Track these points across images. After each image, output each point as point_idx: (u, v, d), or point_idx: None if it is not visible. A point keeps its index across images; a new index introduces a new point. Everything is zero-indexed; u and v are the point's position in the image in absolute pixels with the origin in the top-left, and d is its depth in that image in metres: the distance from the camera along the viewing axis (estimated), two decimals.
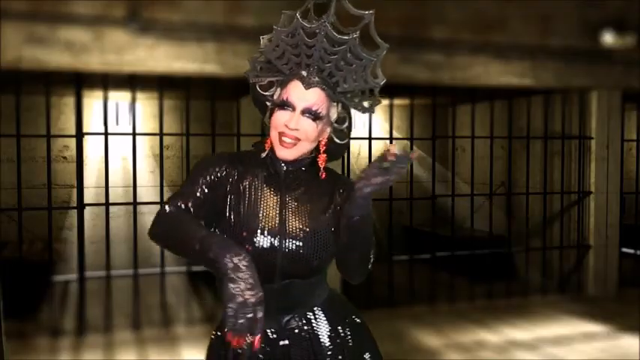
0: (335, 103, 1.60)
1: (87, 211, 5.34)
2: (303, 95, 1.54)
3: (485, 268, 6.22)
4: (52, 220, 5.07)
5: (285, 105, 1.55)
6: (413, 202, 6.00)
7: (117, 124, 7.05)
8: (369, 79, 1.58)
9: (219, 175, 1.58)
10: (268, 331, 1.56)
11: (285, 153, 1.56)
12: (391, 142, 6.03)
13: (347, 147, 1.71)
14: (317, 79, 1.55)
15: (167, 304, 5.49)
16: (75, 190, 5.43)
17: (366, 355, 1.69)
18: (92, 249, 6.03)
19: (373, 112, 1.67)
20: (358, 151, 7.80)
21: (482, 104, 6.93)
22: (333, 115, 1.62)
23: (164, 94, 5.39)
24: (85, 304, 5.06)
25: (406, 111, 7.71)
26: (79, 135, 5.09)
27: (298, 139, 1.55)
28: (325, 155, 1.62)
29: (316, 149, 1.62)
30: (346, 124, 1.66)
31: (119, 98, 6.97)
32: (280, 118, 1.55)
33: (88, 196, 5.79)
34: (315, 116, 1.55)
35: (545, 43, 5.74)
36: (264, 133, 1.64)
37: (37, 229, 6.17)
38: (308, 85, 1.54)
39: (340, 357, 1.60)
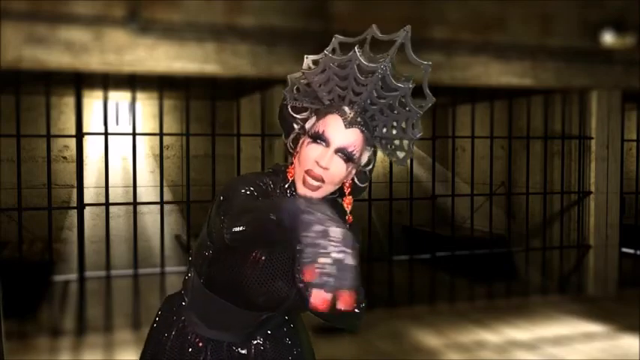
0: (369, 147, 1.50)
1: (87, 211, 5.34)
2: (341, 133, 1.43)
3: (485, 268, 6.22)
4: (52, 220, 5.07)
5: (319, 138, 1.44)
6: (413, 202, 6.00)
7: (117, 124, 7.05)
8: (409, 130, 1.48)
9: (260, 191, 1.45)
10: (234, 346, 1.57)
11: (306, 192, 1.46)
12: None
13: (364, 190, 1.59)
14: (359, 119, 1.44)
15: None
16: (75, 190, 5.43)
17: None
18: (92, 249, 6.04)
19: (404, 165, 1.56)
20: None
21: (482, 104, 6.93)
22: (364, 160, 1.51)
23: (164, 94, 5.39)
24: (85, 304, 5.06)
25: None
26: (79, 135, 5.09)
27: (323, 181, 1.44)
28: (351, 197, 1.53)
29: (339, 189, 1.52)
30: (370, 166, 1.54)
31: (119, 98, 6.97)
32: (311, 152, 1.44)
33: (88, 196, 5.79)
34: (348, 157, 1.44)
35: (545, 43, 5.74)
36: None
37: (37, 229, 6.18)
38: (349, 124, 1.43)
39: None
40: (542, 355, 4.56)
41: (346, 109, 1.45)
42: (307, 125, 1.49)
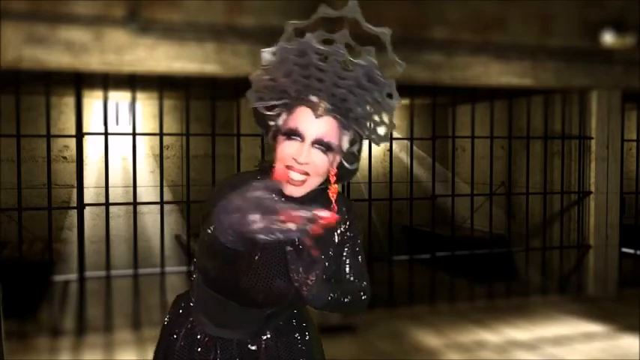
0: (347, 131, 1.46)
1: (87, 211, 5.34)
2: (313, 125, 1.39)
3: (485, 268, 6.22)
4: (52, 220, 5.07)
5: (292, 134, 1.40)
6: (413, 202, 6.00)
7: (117, 124, 7.05)
8: (384, 102, 1.42)
9: None
10: (244, 342, 1.57)
11: (294, 190, 1.42)
12: (391, 142, 6.05)
13: (356, 171, 1.56)
14: (329, 106, 1.40)
15: (167, 304, 5.48)
16: (75, 190, 5.43)
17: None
18: (92, 249, 6.04)
19: (387, 141, 1.51)
20: None
21: (482, 104, 6.93)
22: (345, 144, 1.47)
23: (164, 94, 5.39)
24: (85, 304, 5.06)
25: (406, 111, 7.71)
26: (79, 135, 5.09)
27: (307, 174, 1.41)
28: (336, 186, 1.50)
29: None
30: (357, 146, 1.50)
31: (119, 98, 6.97)
32: (287, 149, 1.41)
33: (88, 196, 5.79)
34: (326, 148, 1.41)
35: (545, 43, 5.74)
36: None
37: (37, 229, 6.18)
38: (321, 113, 1.39)
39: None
40: (542, 355, 4.56)
41: (314, 98, 1.40)
42: (280, 122, 1.45)
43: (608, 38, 5.64)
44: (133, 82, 5.10)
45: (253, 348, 1.56)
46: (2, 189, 6.63)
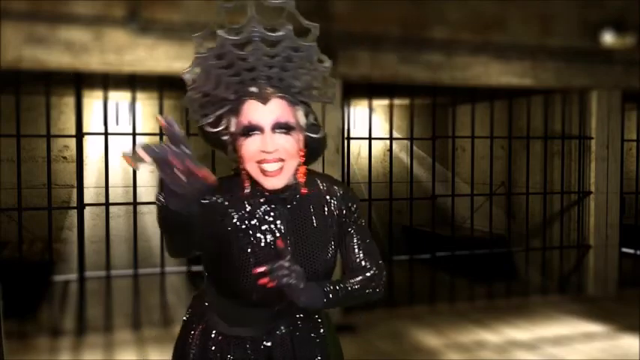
0: (298, 106, 1.45)
1: (87, 211, 5.34)
2: (265, 112, 1.39)
3: (485, 268, 6.22)
4: (52, 220, 5.07)
5: (250, 130, 1.40)
6: (413, 202, 6.00)
7: (117, 124, 7.05)
8: (318, 66, 1.41)
9: (210, 204, 1.47)
10: (259, 338, 1.56)
11: (274, 182, 1.42)
12: (391, 142, 6.05)
13: (325, 140, 1.55)
14: (270, 89, 1.40)
15: (167, 304, 5.49)
16: (75, 190, 5.43)
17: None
18: (92, 249, 6.04)
19: (331, 101, 1.51)
20: (358, 151, 7.81)
21: (482, 104, 6.93)
22: (302, 119, 1.46)
23: (164, 94, 5.39)
24: (85, 304, 5.06)
25: (406, 111, 7.72)
26: (79, 135, 5.09)
27: (282, 160, 1.41)
28: (305, 167, 1.50)
29: None
30: (313, 115, 1.50)
31: (119, 98, 6.97)
32: (251, 145, 1.40)
33: (88, 196, 5.79)
34: (287, 128, 1.41)
35: (545, 43, 5.74)
36: None
37: (37, 229, 6.18)
38: (265, 99, 1.39)
39: (319, 357, 1.59)
40: (542, 355, 4.56)
41: (253, 89, 1.40)
42: (232, 129, 1.44)
43: (608, 38, 5.64)
44: (133, 82, 5.09)
45: (268, 344, 1.55)
46: (2, 189, 6.63)
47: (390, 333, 4.95)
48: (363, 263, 1.57)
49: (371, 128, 5.75)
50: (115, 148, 5.64)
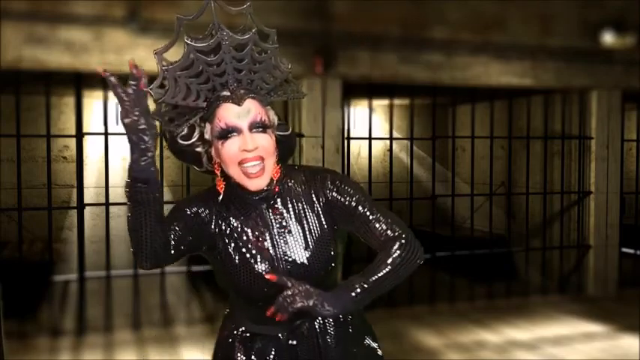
0: (268, 106, 1.49)
1: (87, 211, 5.34)
2: (240, 112, 1.42)
3: (485, 268, 6.22)
4: (52, 220, 5.07)
5: (228, 132, 1.42)
6: (413, 202, 6.00)
7: (117, 124, 7.03)
8: (282, 68, 1.47)
9: (192, 215, 1.50)
10: (281, 335, 1.56)
11: (258, 182, 1.45)
12: (391, 142, 6.05)
13: (295, 136, 1.59)
14: (242, 90, 1.42)
15: (167, 304, 5.49)
16: (75, 190, 5.43)
17: (367, 340, 1.68)
18: (92, 249, 6.03)
19: (303, 97, 1.56)
20: (358, 151, 7.80)
21: (482, 104, 6.93)
22: (274, 118, 1.50)
23: None
24: (85, 304, 5.06)
25: (406, 111, 7.72)
26: (79, 135, 5.09)
27: (262, 158, 1.44)
28: (279, 166, 1.53)
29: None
30: (277, 116, 1.53)
31: None
32: (232, 146, 1.42)
33: (88, 196, 5.79)
34: (263, 126, 1.44)
35: (545, 43, 5.74)
36: None
37: (37, 229, 6.17)
38: (240, 100, 1.41)
39: (347, 351, 1.59)
40: (542, 355, 4.56)
41: (225, 93, 1.42)
42: (207, 135, 1.46)
43: (608, 38, 5.64)
44: None
45: (293, 343, 1.56)
46: (2, 189, 6.63)
47: (390, 333, 4.95)
48: (389, 232, 1.50)
49: (371, 128, 5.75)
50: (115, 148, 5.66)
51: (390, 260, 1.46)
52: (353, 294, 1.43)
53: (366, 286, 1.44)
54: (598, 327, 5.25)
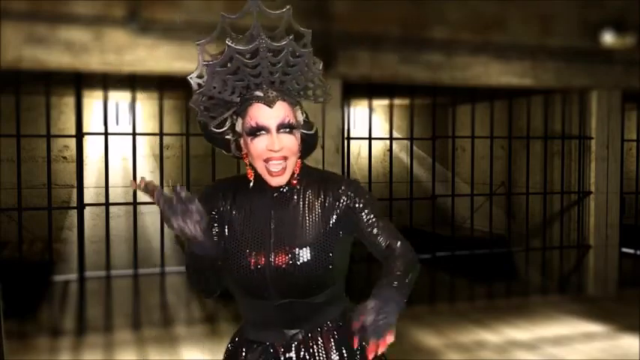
0: (297, 106, 1.56)
1: (87, 211, 5.34)
2: (271, 113, 1.49)
3: (485, 268, 6.22)
4: (52, 220, 5.07)
5: (257, 131, 1.50)
6: (413, 202, 6.00)
7: (117, 124, 7.05)
8: (313, 68, 1.52)
9: (216, 209, 1.60)
10: (277, 344, 1.56)
11: (279, 180, 1.53)
12: (391, 142, 6.05)
13: (317, 135, 1.65)
14: (275, 93, 1.50)
15: (167, 304, 5.49)
16: (75, 190, 5.43)
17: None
18: (92, 249, 6.03)
19: (330, 98, 1.61)
20: (358, 151, 7.80)
21: (482, 104, 6.93)
22: (301, 118, 1.57)
23: (164, 94, 5.39)
24: (85, 304, 5.06)
25: (406, 111, 7.72)
26: (79, 135, 5.09)
27: (285, 158, 1.52)
28: (300, 160, 1.59)
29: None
30: (305, 114, 1.60)
31: (119, 98, 6.97)
32: (259, 145, 1.51)
33: (88, 196, 5.79)
34: (290, 128, 1.51)
35: (545, 43, 5.74)
36: None
37: (37, 229, 6.18)
38: (271, 103, 1.49)
39: None
40: (542, 355, 4.56)
41: (259, 93, 1.50)
42: (238, 128, 1.54)
43: (608, 38, 5.64)
44: (133, 82, 5.09)
45: (290, 355, 1.56)
46: (2, 189, 6.63)
47: None
48: (388, 243, 1.58)
49: (371, 128, 5.75)
50: (115, 148, 5.69)
51: (404, 268, 1.54)
52: (398, 298, 1.46)
53: (402, 281, 1.51)
54: (598, 327, 5.25)
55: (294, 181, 1.58)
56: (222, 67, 1.46)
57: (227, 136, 1.57)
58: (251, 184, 1.59)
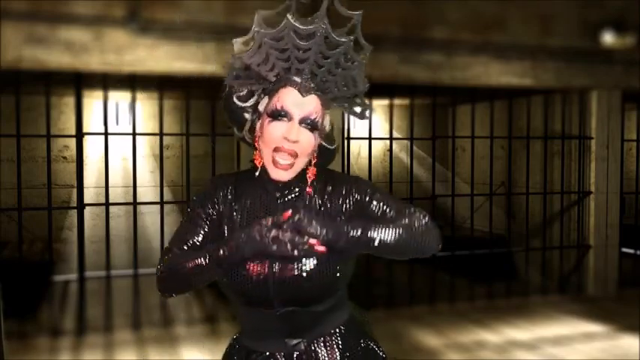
0: (327, 112, 1.47)
1: (87, 211, 5.34)
2: (300, 103, 1.40)
3: (485, 268, 6.22)
4: (52, 220, 5.07)
5: (279, 115, 1.40)
6: (413, 202, 5.99)
7: (117, 124, 7.05)
8: (359, 83, 1.44)
9: (216, 207, 1.50)
10: (278, 354, 1.50)
11: (281, 175, 1.43)
12: (391, 142, 6.04)
13: (335, 153, 1.56)
14: (312, 84, 1.41)
15: (167, 304, 5.49)
16: (75, 190, 5.43)
17: (367, 342, 1.58)
18: (92, 249, 6.03)
19: (367, 118, 1.51)
20: (358, 151, 7.80)
21: (482, 104, 6.93)
22: (327, 124, 1.48)
23: (164, 94, 5.39)
24: (85, 304, 5.06)
25: (406, 111, 7.71)
26: (79, 135, 5.09)
27: (296, 155, 1.42)
28: (315, 168, 1.48)
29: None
30: (332, 128, 1.51)
31: (119, 98, 6.97)
32: (276, 130, 1.41)
33: (88, 196, 5.79)
34: (313, 126, 1.42)
35: (545, 43, 5.74)
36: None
37: (37, 229, 6.18)
38: (306, 92, 1.40)
39: None
40: (542, 355, 4.56)
41: (297, 78, 1.41)
42: (261, 107, 1.46)
43: (608, 38, 5.64)
44: (133, 82, 5.09)
45: None
46: (2, 189, 6.63)
47: (390, 333, 4.95)
48: (402, 213, 1.46)
49: (371, 128, 5.75)
50: (115, 148, 5.69)
51: (403, 222, 1.42)
52: (351, 234, 1.36)
53: (364, 233, 1.36)
54: (598, 327, 5.25)
55: (309, 189, 1.49)
56: (272, 40, 1.37)
57: (246, 114, 1.49)
58: (257, 172, 1.48)
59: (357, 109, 1.48)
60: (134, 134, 5.13)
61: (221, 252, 1.37)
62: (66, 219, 7.02)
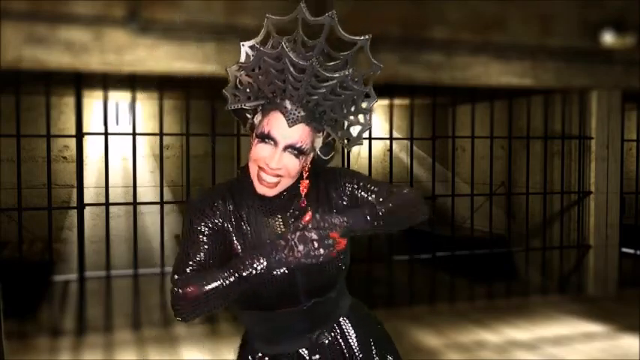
0: (320, 132, 1.48)
1: (87, 211, 5.34)
2: (286, 132, 1.41)
3: (485, 268, 6.22)
4: (52, 220, 5.07)
5: (266, 138, 1.43)
6: None
7: (117, 124, 7.05)
8: (359, 105, 1.46)
9: (215, 220, 1.48)
10: (300, 350, 1.54)
11: (265, 191, 1.46)
12: (391, 142, 6.04)
13: (332, 159, 1.58)
14: (302, 113, 1.41)
15: (167, 304, 5.48)
16: (75, 190, 5.43)
17: (390, 358, 1.77)
18: (92, 249, 6.04)
19: (360, 144, 1.51)
20: (358, 151, 7.80)
21: (482, 104, 6.93)
22: (319, 144, 1.50)
23: (164, 94, 5.39)
24: (85, 304, 5.06)
25: (406, 111, 7.71)
26: (79, 135, 5.09)
27: (280, 176, 1.45)
28: (308, 181, 1.52)
29: None
30: (331, 138, 1.53)
31: (119, 98, 6.97)
32: (262, 151, 1.43)
33: (88, 196, 5.79)
34: (299, 152, 1.43)
35: (545, 43, 5.74)
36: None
37: (37, 229, 6.17)
38: (293, 122, 1.40)
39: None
40: (542, 355, 4.56)
41: (288, 104, 1.41)
42: (255, 121, 1.48)
43: (608, 38, 5.64)
44: (133, 82, 5.09)
45: (316, 357, 1.55)
46: (2, 189, 6.63)
47: (390, 333, 4.94)
48: (392, 191, 1.56)
49: (371, 128, 5.74)
50: (115, 148, 5.68)
51: (397, 192, 1.54)
52: (368, 217, 1.44)
53: (373, 211, 1.45)
54: (598, 327, 5.25)
55: (303, 203, 1.52)
56: (270, 59, 1.39)
57: (248, 114, 1.51)
58: (250, 181, 1.50)
59: (354, 132, 1.49)
60: (134, 134, 5.13)
61: (249, 270, 1.36)
62: (66, 219, 7.02)
